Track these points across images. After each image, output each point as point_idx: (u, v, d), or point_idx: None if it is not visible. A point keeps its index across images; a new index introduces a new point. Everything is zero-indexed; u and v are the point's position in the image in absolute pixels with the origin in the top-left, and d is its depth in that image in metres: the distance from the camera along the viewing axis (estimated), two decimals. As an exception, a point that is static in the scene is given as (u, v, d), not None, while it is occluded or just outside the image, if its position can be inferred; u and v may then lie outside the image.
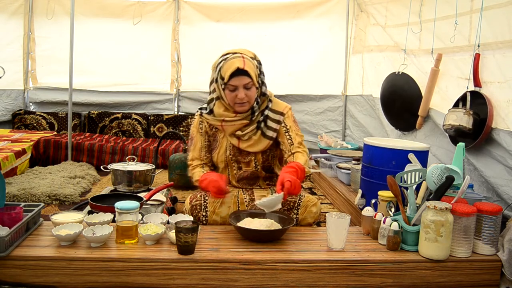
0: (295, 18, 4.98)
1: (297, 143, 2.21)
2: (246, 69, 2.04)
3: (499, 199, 2.32)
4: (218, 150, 2.25)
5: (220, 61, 2.12)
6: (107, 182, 3.59)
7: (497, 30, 2.39)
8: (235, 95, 2.08)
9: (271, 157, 2.28)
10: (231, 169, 2.28)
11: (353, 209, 2.72)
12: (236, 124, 2.17)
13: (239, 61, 2.05)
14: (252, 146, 2.20)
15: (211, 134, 2.27)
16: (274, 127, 2.21)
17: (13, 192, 3.00)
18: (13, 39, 4.99)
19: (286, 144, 2.21)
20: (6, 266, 1.66)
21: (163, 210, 2.46)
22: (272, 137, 2.21)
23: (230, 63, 2.06)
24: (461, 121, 2.47)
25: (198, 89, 5.26)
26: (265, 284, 1.74)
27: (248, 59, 2.08)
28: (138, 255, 1.72)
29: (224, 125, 2.18)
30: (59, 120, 5.12)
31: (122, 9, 5.05)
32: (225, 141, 2.24)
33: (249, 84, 2.07)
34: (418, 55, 3.33)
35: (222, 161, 2.26)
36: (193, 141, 2.30)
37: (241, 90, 2.07)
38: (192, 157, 2.29)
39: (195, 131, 2.29)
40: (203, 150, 2.28)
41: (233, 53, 2.10)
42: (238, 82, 2.05)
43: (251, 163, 2.25)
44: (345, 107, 4.98)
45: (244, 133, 2.18)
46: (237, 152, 2.23)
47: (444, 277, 1.80)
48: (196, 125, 2.29)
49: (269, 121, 2.21)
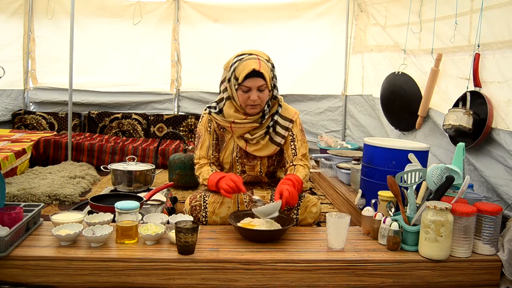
0: (295, 18, 4.98)
1: (300, 154, 2.21)
2: (261, 71, 2.02)
3: (499, 199, 2.32)
4: (225, 151, 2.24)
5: (235, 61, 2.09)
6: (107, 182, 3.59)
7: (497, 30, 2.39)
8: (247, 97, 2.05)
9: (276, 162, 2.28)
10: (235, 171, 2.27)
11: (353, 209, 2.72)
12: (246, 127, 2.15)
13: (255, 62, 2.02)
14: (259, 150, 2.19)
15: (219, 133, 2.25)
16: (283, 134, 2.20)
17: (13, 192, 3.00)
18: (13, 39, 4.99)
19: (290, 154, 2.21)
20: (6, 266, 1.66)
21: (163, 210, 2.46)
22: (280, 144, 2.20)
23: (245, 64, 2.03)
24: (461, 121, 2.47)
25: (198, 89, 5.27)
26: (265, 284, 1.74)
27: (263, 61, 2.06)
28: (138, 255, 1.72)
29: (233, 126, 2.15)
30: (59, 120, 5.12)
31: (122, 9, 5.05)
32: (232, 142, 2.22)
33: (262, 86, 2.05)
34: (418, 55, 3.33)
35: (227, 162, 2.25)
36: (201, 139, 2.25)
37: (254, 92, 2.04)
38: (199, 155, 2.25)
39: (203, 129, 2.24)
40: (210, 149, 2.24)
41: (249, 54, 2.08)
42: (252, 83, 2.03)
43: (256, 167, 2.24)
44: (345, 107, 4.98)
45: (253, 137, 2.16)
46: (243, 155, 2.22)
47: (444, 277, 1.80)
48: (204, 123, 2.25)
49: (278, 127, 2.20)
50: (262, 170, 2.26)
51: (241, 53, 2.12)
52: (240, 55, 2.10)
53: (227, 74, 2.14)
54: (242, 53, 2.11)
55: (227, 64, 2.17)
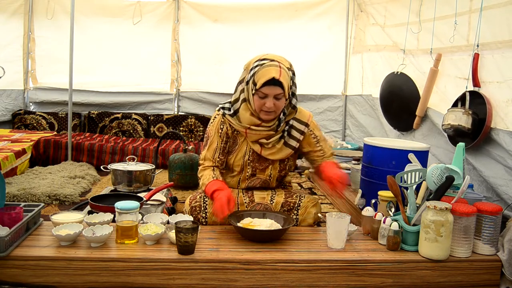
0: (294, 18, 4.98)
1: (329, 153, 2.26)
2: (281, 80, 1.97)
3: (499, 199, 2.32)
4: (236, 153, 2.20)
5: (255, 65, 2.03)
6: (107, 182, 3.59)
7: (496, 30, 2.39)
8: (263, 103, 2.02)
9: (288, 166, 2.27)
10: (245, 174, 2.24)
11: (353, 209, 2.72)
12: (262, 134, 2.12)
13: (276, 70, 1.97)
14: (274, 154, 2.17)
15: (231, 136, 2.19)
16: (298, 138, 2.19)
17: (13, 192, 3.00)
18: (13, 39, 4.98)
19: (318, 155, 2.24)
20: (6, 266, 1.66)
21: (163, 210, 2.46)
22: (295, 147, 2.19)
23: (266, 71, 1.98)
24: (460, 121, 2.47)
25: (198, 89, 5.27)
26: (265, 284, 1.75)
27: (284, 70, 2.01)
28: (138, 255, 1.72)
29: (248, 132, 2.12)
30: (59, 120, 5.12)
31: (122, 9, 5.05)
32: (245, 145, 2.18)
33: (280, 95, 2.01)
34: (416, 55, 3.33)
35: (238, 165, 2.21)
36: (209, 140, 2.19)
37: (270, 99, 2.00)
38: (204, 156, 2.20)
39: (214, 131, 2.18)
40: (217, 152, 2.18)
41: (271, 60, 2.02)
42: (269, 91, 1.99)
43: (267, 170, 2.23)
44: (345, 107, 4.98)
45: (268, 141, 2.14)
46: (255, 158, 2.19)
47: (444, 277, 1.80)
48: (216, 125, 2.18)
49: (293, 131, 2.18)
50: (272, 174, 2.24)
51: (263, 57, 2.06)
52: (262, 59, 2.04)
53: (246, 76, 2.09)
54: (264, 58, 2.04)
55: (247, 65, 2.12)
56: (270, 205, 2.19)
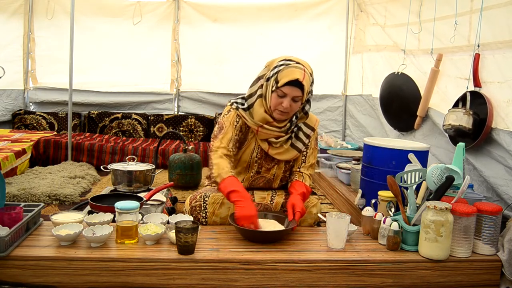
0: (294, 18, 4.98)
1: (309, 164, 2.25)
2: (303, 83, 2.00)
3: (499, 199, 2.32)
4: (245, 149, 2.21)
5: (281, 64, 2.04)
6: (107, 182, 3.59)
7: (496, 30, 2.39)
8: (280, 102, 2.03)
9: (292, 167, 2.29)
10: (250, 171, 2.24)
11: (353, 209, 2.72)
12: (273, 134, 2.14)
13: (300, 73, 2.00)
14: (281, 154, 2.19)
15: (244, 131, 2.20)
16: (304, 140, 2.21)
17: (13, 192, 3.00)
18: (13, 39, 4.99)
19: (299, 160, 2.24)
20: (6, 266, 1.66)
21: (163, 210, 2.46)
22: (301, 150, 2.21)
23: (290, 71, 2.00)
24: (461, 121, 2.47)
25: (198, 89, 5.27)
26: (265, 284, 1.75)
27: (307, 74, 2.04)
28: (138, 255, 1.72)
29: (260, 130, 2.13)
30: (59, 120, 5.12)
31: (122, 9, 5.05)
32: (254, 142, 2.20)
33: (298, 97, 2.03)
34: (417, 55, 3.33)
35: (245, 161, 2.21)
36: (223, 130, 2.14)
37: (288, 99, 2.01)
38: (218, 145, 2.12)
39: (229, 123, 2.15)
40: (231, 142, 2.14)
41: (296, 62, 2.05)
42: (289, 91, 2.00)
43: (272, 170, 2.24)
44: (345, 107, 4.98)
45: (277, 141, 2.16)
46: (263, 156, 2.21)
47: (444, 277, 1.80)
48: (232, 118, 2.15)
49: (300, 133, 2.21)
50: (276, 173, 2.25)
51: (288, 58, 2.08)
52: (288, 60, 2.06)
53: (268, 73, 2.10)
54: (290, 59, 2.07)
55: (270, 62, 2.13)
56: (270, 205, 2.19)
